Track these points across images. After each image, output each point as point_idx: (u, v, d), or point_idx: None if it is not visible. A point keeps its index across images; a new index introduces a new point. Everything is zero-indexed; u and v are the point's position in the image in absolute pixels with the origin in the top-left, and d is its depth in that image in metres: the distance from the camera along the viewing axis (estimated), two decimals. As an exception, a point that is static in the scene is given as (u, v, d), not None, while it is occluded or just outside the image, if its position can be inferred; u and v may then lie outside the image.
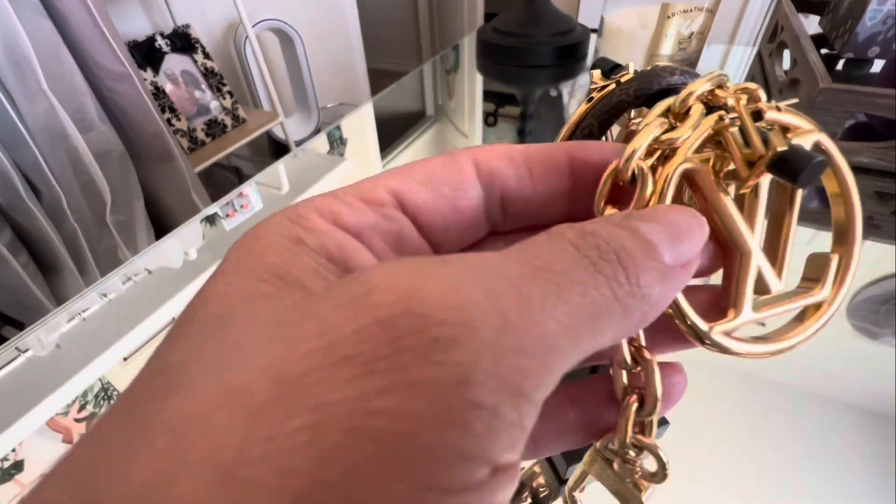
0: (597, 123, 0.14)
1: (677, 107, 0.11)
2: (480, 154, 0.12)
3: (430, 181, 0.12)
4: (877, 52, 0.53)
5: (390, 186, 0.11)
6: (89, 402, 0.32)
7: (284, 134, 1.46)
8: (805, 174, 0.10)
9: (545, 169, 0.12)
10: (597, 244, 0.09)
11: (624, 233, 0.09)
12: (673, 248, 0.09)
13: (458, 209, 0.12)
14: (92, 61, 0.84)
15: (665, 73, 0.13)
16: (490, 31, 0.71)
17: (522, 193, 0.12)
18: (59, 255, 0.85)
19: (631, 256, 0.09)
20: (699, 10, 0.49)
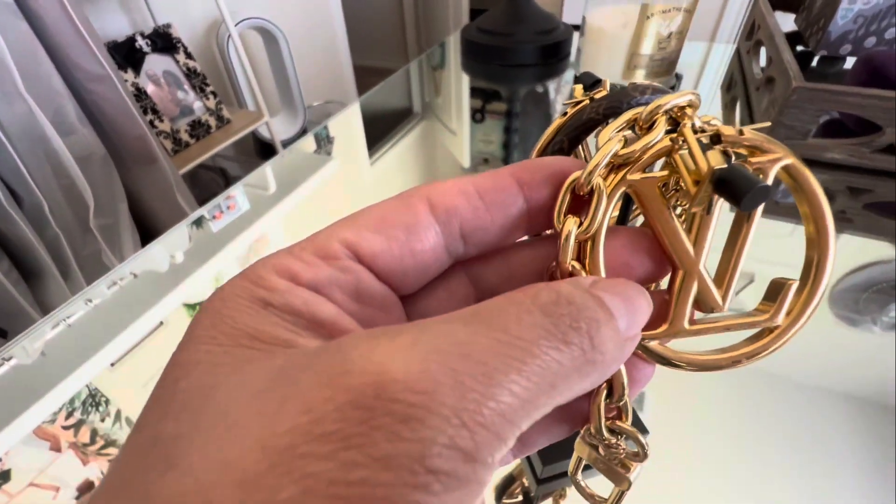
0: (567, 140, 0.14)
1: (643, 120, 0.12)
2: (434, 192, 0.12)
3: (384, 228, 0.12)
4: (849, 50, 0.54)
5: (343, 238, 0.12)
6: (77, 409, 0.31)
7: (270, 134, 1.45)
8: (748, 198, 0.10)
9: (497, 196, 0.12)
10: (570, 313, 0.09)
11: (594, 302, 0.10)
12: (627, 321, 0.10)
13: (414, 252, 0.12)
14: (70, 63, 0.82)
15: (636, 92, 0.13)
16: (474, 30, 0.71)
17: (481, 224, 0.12)
18: (42, 260, 0.83)
19: (598, 327, 0.10)
20: (678, 11, 0.50)
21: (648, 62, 0.54)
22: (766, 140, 0.12)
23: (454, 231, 0.12)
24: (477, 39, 0.69)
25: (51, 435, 0.30)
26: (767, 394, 0.30)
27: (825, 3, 0.55)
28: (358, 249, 0.12)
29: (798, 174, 0.12)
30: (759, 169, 0.12)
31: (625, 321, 0.10)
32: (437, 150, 0.60)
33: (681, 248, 0.12)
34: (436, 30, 2.27)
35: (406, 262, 0.12)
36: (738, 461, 0.27)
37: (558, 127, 0.14)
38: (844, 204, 0.41)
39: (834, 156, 0.44)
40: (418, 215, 0.12)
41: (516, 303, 0.10)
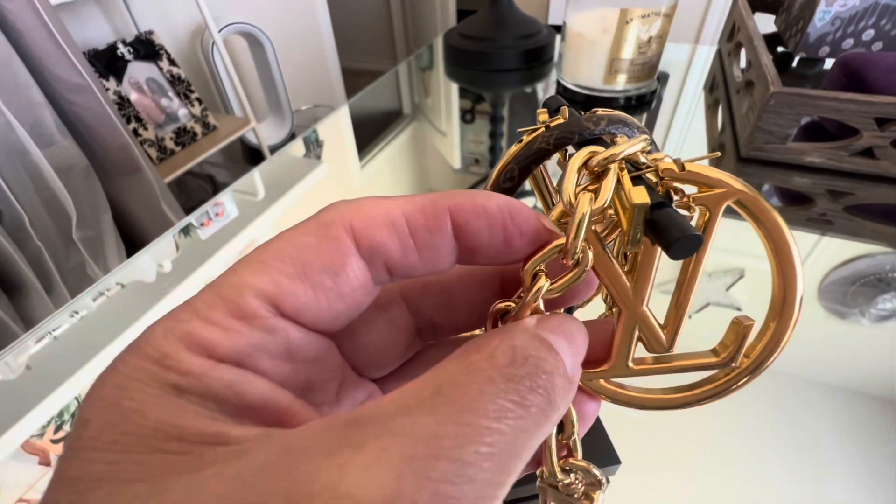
0: (517, 169, 0.14)
1: (595, 164, 0.11)
2: (357, 221, 0.11)
3: (306, 272, 0.10)
4: (827, 52, 0.55)
5: (261, 291, 0.10)
6: (66, 422, 0.31)
7: (258, 139, 1.44)
8: (676, 246, 0.09)
9: (429, 237, 0.11)
10: (528, 374, 0.09)
11: (545, 351, 0.10)
12: (572, 363, 0.10)
13: (342, 295, 0.11)
14: (48, 73, 0.81)
15: (589, 123, 0.13)
16: (456, 35, 0.71)
17: (408, 263, 0.11)
18: (24, 274, 0.82)
19: (552, 381, 0.09)
20: (657, 15, 0.50)
21: (629, 66, 0.54)
22: (710, 174, 0.11)
23: (380, 266, 0.11)
24: (459, 45, 0.69)
25: (39, 449, 0.30)
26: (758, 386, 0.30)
27: (803, 6, 0.56)
28: (280, 305, 0.10)
29: (754, 206, 0.11)
30: (704, 205, 0.11)
31: (570, 361, 0.10)
32: (427, 152, 0.60)
33: (620, 289, 0.12)
34: (424, 31, 2.27)
35: (335, 306, 0.11)
36: (730, 453, 0.27)
37: (513, 154, 0.14)
38: (825, 207, 0.42)
39: (813, 159, 0.45)
40: (343, 254, 0.10)
41: (476, 371, 0.09)
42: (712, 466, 0.27)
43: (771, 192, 0.45)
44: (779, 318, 0.12)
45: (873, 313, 0.34)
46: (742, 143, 0.47)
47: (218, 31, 1.26)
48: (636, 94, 0.57)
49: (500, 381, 0.09)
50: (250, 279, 0.10)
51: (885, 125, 0.40)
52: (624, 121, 0.13)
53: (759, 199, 0.11)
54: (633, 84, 0.56)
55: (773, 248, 0.11)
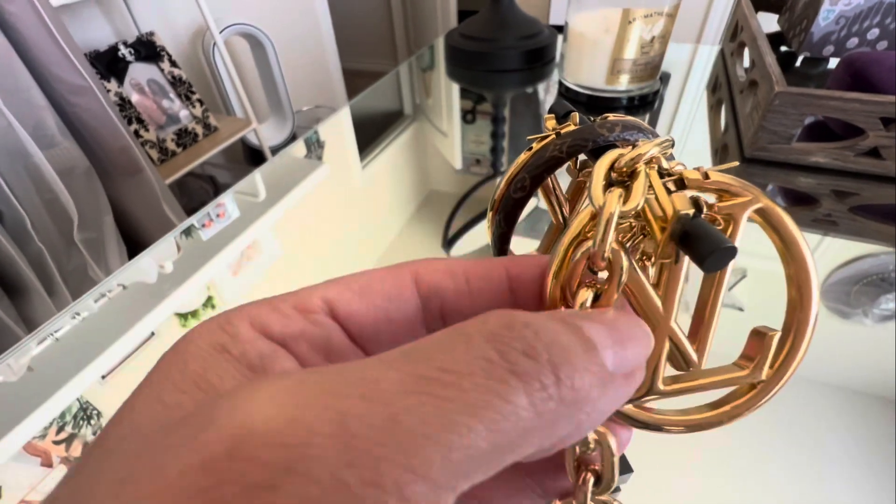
0: (529, 178, 0.13)
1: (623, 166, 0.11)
2: (423, 268, 0.12)
3: (366, 292, 0.12)
4: (831, 52, 0.55)
5: (325, 295, 0.12)
6: (68, 423, 0.31)
7: (259, 140, 1.44)
8: (711, 259, 0.09)
9: (484, 284, 0.12)
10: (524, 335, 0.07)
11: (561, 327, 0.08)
12: (616, 353, 0.09)
13: (391, 319, 0.12)
14: (50, 75, 0.81)
15: (603, 129, 0.12)
16: (457, 36, 0.71)
17: (461, 306, 0.12)
18: (25, 276, 0.82)
19: (566, 353, 0.08)
20: (659, 15, 0.50)
21: (632, 66, 0.54)
22: (733, 183, 0.11)
23: (434, 308, 0.12)
24: (460, 45, 0.69)
25: (42, 450, 0.30)
26: None
27: (807, 5, 0.55)
28: (335, 306, 0.12)
29: (772, 217, 0.11)
30: (729, 214, 0.11)
31: (611, 353, 0.08)
32: (428, 152, 0.60)
33: (649, 304, 0.11)
34: (425, 32, 2.27)
35: (381, 326, 0.12)
36: (732, 452, 0.27)
37: (522, 163, 0.13)
38: (830, 207, 0.42)
39: (818, 159, 0.44)
40: (402, 287, 0.12)
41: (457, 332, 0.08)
42: (709, 466, 0.27)
43: (776, 193, 0.45)
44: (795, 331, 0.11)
45: (876, 313, 0.34)
46: (746, 143, 0.47)
47: (219, 33, 1.26)
48: (639, 94, 0.57)
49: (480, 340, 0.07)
50: (323, 287, 0.12)
51: (891, 125, 0.40)
52: (638, 126, 0.13)
53: (778, 210, 0.11)
54: (635, 84, 0.56)
55: (789, 259, 0.11)
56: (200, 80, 1.42)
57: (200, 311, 0.39)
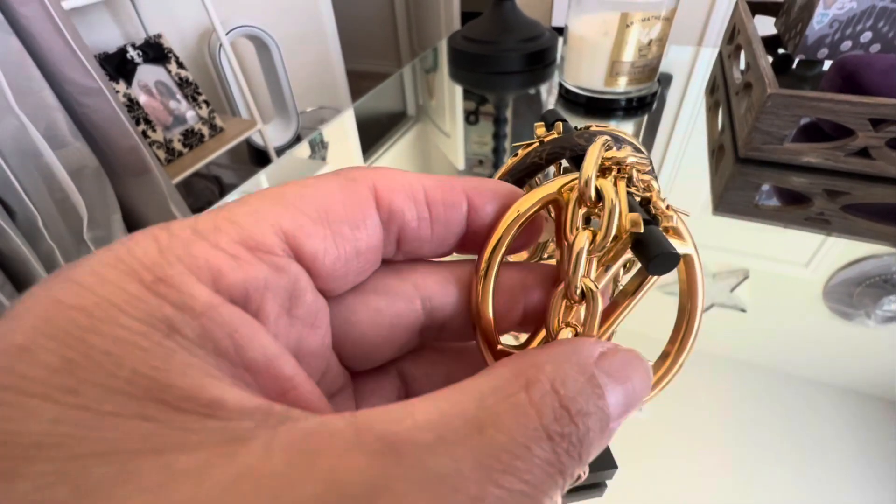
0: (511, 181, 0.14)
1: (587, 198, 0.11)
2: (381, 183, 0.10)
3: (328, 218, 0.09)
4: (825, 55, 0.55)
5: (281, 227, 0.09)
6: None
7: (264, 141, 1.46)
8: (656, 262, 0.10)
9: (444, 212, 0.11)
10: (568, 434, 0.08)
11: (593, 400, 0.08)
12: (620, 412, 0.09)
13: (358, 252, 0.10)
14: (61, 77, 0.83)
15: (581, 139, 0.13)
16: (460, 38, 0.72)
17: (419, 234, 0.11)
18: (36, 274, 0.84)
19: (591, 440, 0.08)
20: (657, 19, 0.51)
21: (630, 69, 0.55)
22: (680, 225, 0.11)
23: (391, 233, 0.11)
24: (463, 48, 0.70)
25: None
26: (762, 387, 0.30)
27: (802, 8, 0.56)
28: (299, 244, 0.09)
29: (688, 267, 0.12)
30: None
31: (617, 413, 0.09)
32: (431, 153, 0.61)
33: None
34: (428, 34, 2.28)
35: (350, 263, 0.10)
36: (734, 454, 0.27)
37: (508, 167, 0.14)
38: (822, 206, 0.42)
39: (810, 159, 0.45)
40: (366, 211, 0.10)
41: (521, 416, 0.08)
42: (712, 467, 0.27)
43: (770, 193, 0.45)
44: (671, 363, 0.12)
45: (879, 315, 0.34)
46: (740, 143, 0.48)
47: (225, 35, 1.28)
48: (637, 95, 0.58)
49: (545, 442, 0.08)
50: (271, 211, 0.09)
51: (880, 126, 0.41)
52: (616, 137, 0.13)
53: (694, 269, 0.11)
54: (633, 86, 0.57)
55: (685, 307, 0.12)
56: (207, 81, 1.44)
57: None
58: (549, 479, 0.07)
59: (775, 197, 0.45)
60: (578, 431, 0.08)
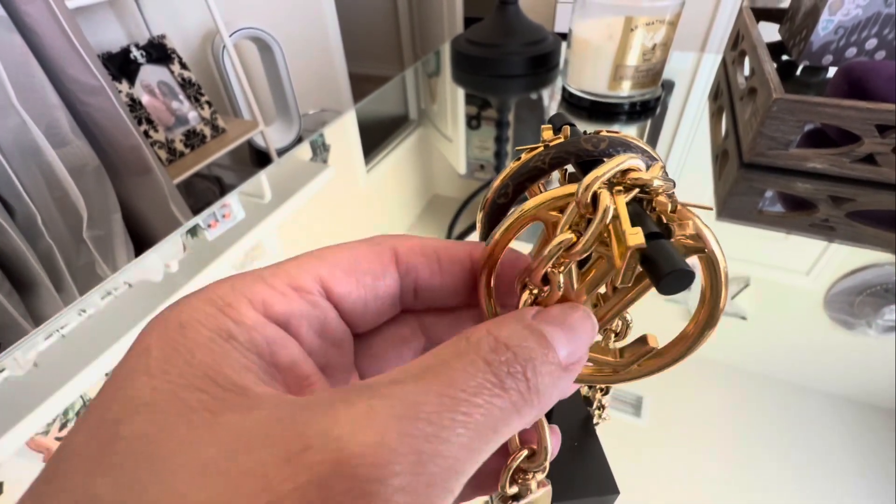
0: (512, 186, 0.13)
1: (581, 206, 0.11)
2: (400, 247, 0.13)
3: (355, 270, 0.13)
4: (830, 61, 0.55)
5: (318, 275, 0.12)
6: (70, 419, 0.31)
7: (265, 142, 1.46)
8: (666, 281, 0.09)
9: (452, 266, 0.14)
10: (507, 359, 0.10)
11: (532, 339, 0.10)
12: (568, 350, 0.11)
13: (377, 296, 0.13)
14: (64, 75, 0.83)
15: (588, 144, 0.12)
16: (464, 41, 0.72)
17: (432, 284, 0.14)
18: (34, 272, 0.83)
19: (535, 367, 0.10)
20: (661, 23, 0.51)
21: (634, 73, 0.55)
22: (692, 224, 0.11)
23: (409, 284, 0.14)
24: (466, 51, 0.70)
25: (44, 446, 0.30)
26: (762, 396, 0.30)
27: (807, 15, 0.56)
28: (330, 287, 0.12)
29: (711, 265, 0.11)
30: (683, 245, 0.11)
31: (565, 351, 0.11)
32: (433, 157, 0.61)
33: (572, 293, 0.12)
34: (431, 37, 2.29)
35: (369, 305, 0.13)
36: (735, 463, 0.27)
37: (510, 172, 0.14)
38: (827, 212, 0.42)
39: (815, 165, 0.45)
40: (385, 266, 0.13)
41: (461, 354, 0.10)
42: (712, 475, 0.27)
43: (774, 199, 0.45)
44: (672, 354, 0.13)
45: (880, 324, 0.34)
46: (745, 149, 0.48)
47: (229, 36, 1.28)
48: (640, 100, 0.58)
49: (481, 363, 0.10)
50: (311, 264, 0.12)
51: (886, 132, 0.40)
52: (626, 143, 0.12)
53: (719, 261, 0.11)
54: (637, 90, 0.57)
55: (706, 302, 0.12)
56: (209, 82, 1.44)
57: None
58: (494, 397, 0.09)
59: (779, 203, 0.45)
60: (518, 359, 0.10)
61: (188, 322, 0.10)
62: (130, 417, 0.09)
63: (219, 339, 0.10)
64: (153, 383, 0.09)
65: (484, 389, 0.09)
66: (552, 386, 0.10)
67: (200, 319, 0.10)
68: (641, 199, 0.11)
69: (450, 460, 0.09)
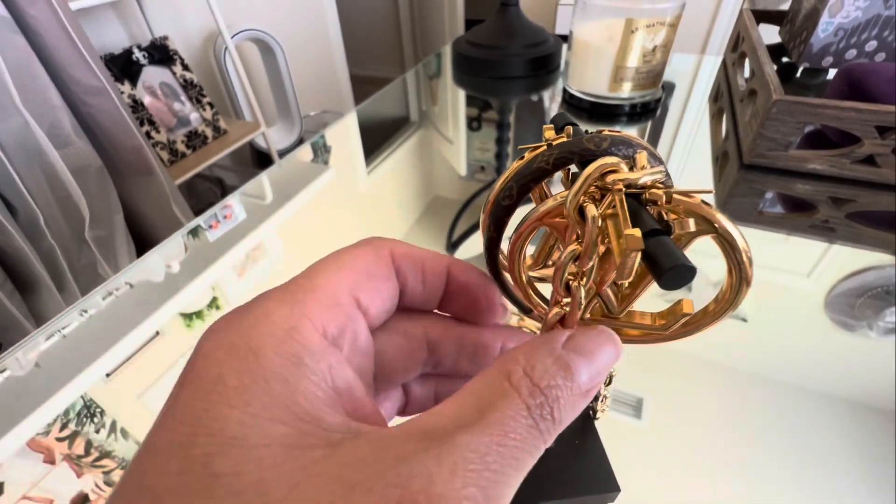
0: (516, 187, 0.13)
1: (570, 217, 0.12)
2: (395, 252, 0.14)
3: (372, 275, 0.13)
4: (830, 63, 0.55)
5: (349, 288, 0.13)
6: (71, 420, 0.31)
7: (267, 143, 1.46)
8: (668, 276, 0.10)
9: (434, 277, 0.15)
10: (541, 404, 0.11)
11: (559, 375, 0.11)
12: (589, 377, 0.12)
13: (384, 300, 0.14)
14: (66, 76, 0.83)
15: (590, 143, 0.12)
16: (464, 43, 0.72)
17: (415, 290, 0.15)
18: (36, 272, 0.84)
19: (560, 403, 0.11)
20: (661, 25, 0.51)
21: (634, 75, 0.55)
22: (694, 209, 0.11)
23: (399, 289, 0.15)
24: (468, 53, 0.70)
25: (44, 447, 0.30)
26: (764, 398, 0.30)
27: (806, 17, 0.56)
28: (359, 298, 0.13)
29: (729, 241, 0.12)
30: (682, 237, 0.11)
31: (585, 378, 0.11)
32: (433, 159, 0.61)
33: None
34: (432, 40, 2.29)
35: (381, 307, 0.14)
36: (735, 465, 0.27)
37: (513, 172, 0.13)
38: (827, 214, 0.42)
39: (815, 167, 0.45)
40: (390, 269, 0.14)
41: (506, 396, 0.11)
42: (712, 477, 0.27)
43: (774, 200, 0.45)
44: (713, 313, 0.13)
45: (881, 326, 0.34)
46: (745, 150, 0.48)
47: (230, 38, 1.28)
48: (641, 101, 0.58)
49: (524, 411, 0.11)
50: (341, 275, 0.13)
51: (886, 133, 0.40)
52: (628, 142, 0.12)
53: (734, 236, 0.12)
54: (637, 92, 0.57)
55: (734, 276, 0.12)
56: (211, 83, 1.44)
57: (205, 311, 0.39)
58: (532, 438, 0.10)
59: (780, 204, 0.45)
60: (548, 400, 0.11)
61: (260, 349, 0.10)
62: (222, 454, 0.09)
63: (290, 365, 0.10)
64: (237, 414, 0.09)
65: (530, 438, 0.10)
66: (571, 411, 0.11)
67: (272, 346, 0.10)
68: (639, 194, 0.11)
69: (505, 497, 0.10)
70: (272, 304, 0.11)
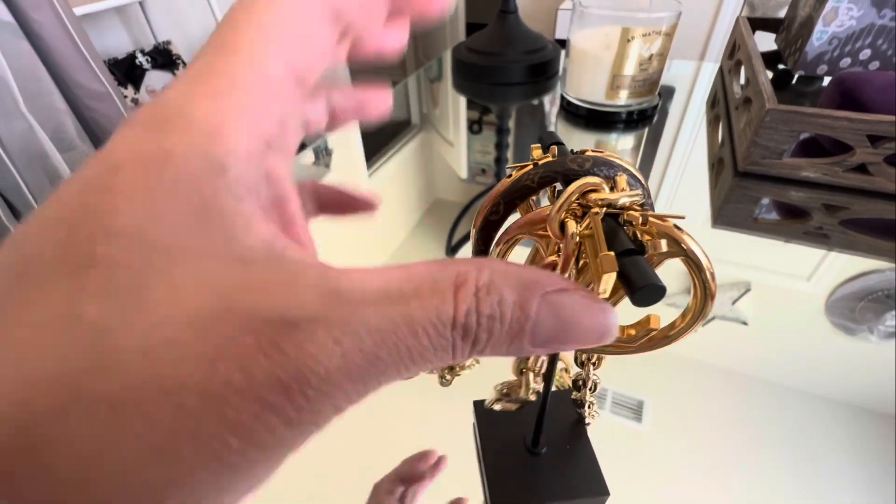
0: (503, 204, 0.14)
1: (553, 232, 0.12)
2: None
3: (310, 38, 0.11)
4: (825, 70, 0.56)
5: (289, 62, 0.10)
6: None
7: (267, 147, 1.47)
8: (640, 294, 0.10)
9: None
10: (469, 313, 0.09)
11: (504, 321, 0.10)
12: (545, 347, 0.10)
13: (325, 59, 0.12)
14: (71, 81, 0.84)
15: (574, 164, 0.13)
16: (465, 49, 0.73)
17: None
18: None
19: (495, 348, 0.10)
20: (657, 34, 0.52)
21: (631, 82, 0.56)
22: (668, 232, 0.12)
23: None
24: (467, 59, 0.71)
25: None
26: (764, 401, 0.30)
27: (802, 25, 0.57)
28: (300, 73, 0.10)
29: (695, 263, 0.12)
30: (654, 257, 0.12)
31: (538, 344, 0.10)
32: (434, 161, 0.61)
33: None
34: (433, 45, 2.30)
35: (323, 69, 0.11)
36: (736, 468, 0.27)
37: (502, 189, 0.14)
38: (821, 220, 0.43)
39: (808, 174, 0.45)
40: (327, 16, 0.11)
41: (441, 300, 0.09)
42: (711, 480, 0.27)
43: (769, 206, 0.46)
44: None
45: (881, 330, 0.34)
46: (739, 157, 0.48)
47: (233, 42, 1.29)
48: (637, 108, 0.59)
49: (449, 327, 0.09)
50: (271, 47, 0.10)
51: (878, 142, 0.41)
52: (610, 163, 0.13)
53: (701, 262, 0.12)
54: (634, 99, 0.58)
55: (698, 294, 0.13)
56: (213, 87, 1.45)
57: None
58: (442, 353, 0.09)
59: (774, 211, 0.46)
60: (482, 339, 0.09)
61: (172, 153, 0.08)
62: (111, 241, 0.08)
63: (209, 175, 0.09)
64: (137, 212, 0.08)
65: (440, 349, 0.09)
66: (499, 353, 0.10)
67: (187, 150, 0.09)
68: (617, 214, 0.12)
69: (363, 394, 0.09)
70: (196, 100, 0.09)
